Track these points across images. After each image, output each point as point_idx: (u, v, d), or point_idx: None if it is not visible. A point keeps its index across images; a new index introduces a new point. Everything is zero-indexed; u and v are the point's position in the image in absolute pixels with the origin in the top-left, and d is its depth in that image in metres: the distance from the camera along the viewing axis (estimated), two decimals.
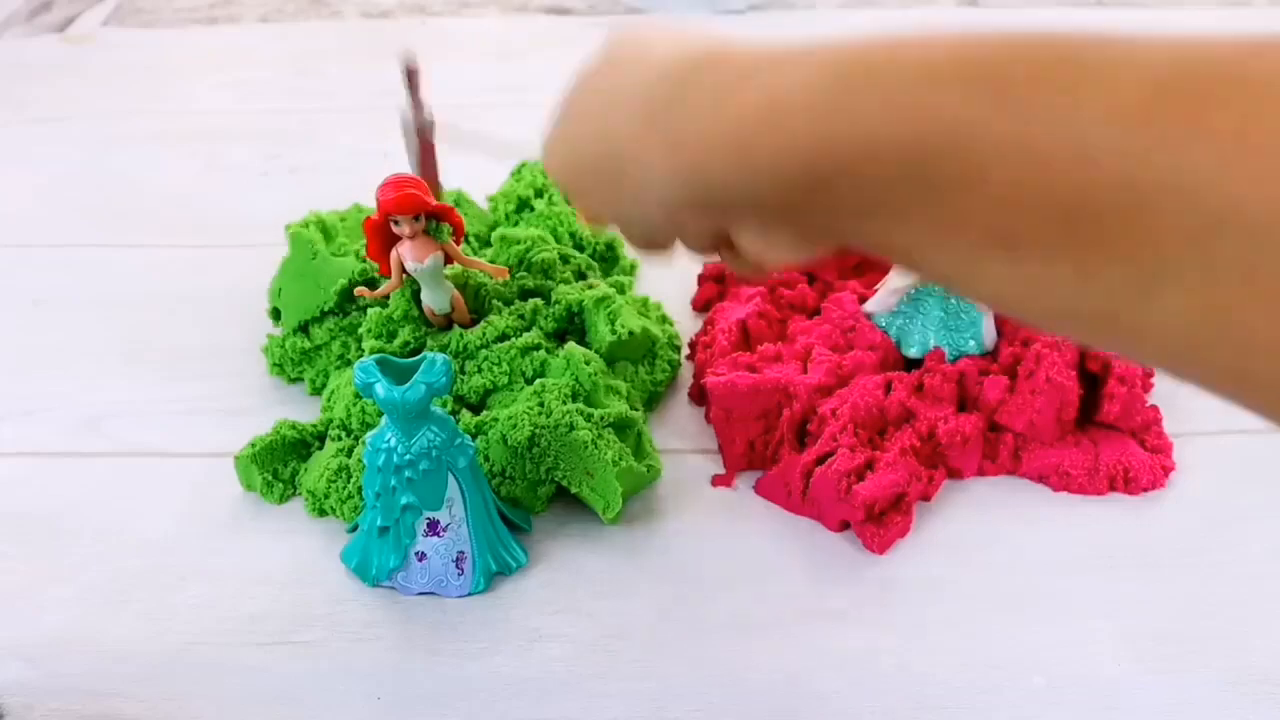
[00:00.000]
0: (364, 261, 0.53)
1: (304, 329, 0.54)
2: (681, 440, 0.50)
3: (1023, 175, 0.19)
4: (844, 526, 0.45)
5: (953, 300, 0.50)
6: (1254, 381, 0.18)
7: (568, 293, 0.51)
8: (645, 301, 0.55)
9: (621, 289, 0.55)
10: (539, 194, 0.61)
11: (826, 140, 0.22)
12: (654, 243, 0.31)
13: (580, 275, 0.55)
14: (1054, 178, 0.19)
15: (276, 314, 0.56)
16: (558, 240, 0.56)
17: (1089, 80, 0.19)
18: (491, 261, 0.53)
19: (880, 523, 0.44)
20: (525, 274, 0.53)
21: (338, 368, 0.52)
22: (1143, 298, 0.19)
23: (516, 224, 0.59)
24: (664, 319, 0.55)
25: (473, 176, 0.65)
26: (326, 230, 0.58)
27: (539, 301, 0.51)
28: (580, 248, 0.57)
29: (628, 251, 0.61)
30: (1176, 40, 0.19)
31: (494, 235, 0.55)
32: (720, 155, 0.25)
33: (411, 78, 0.48)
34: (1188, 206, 0.17)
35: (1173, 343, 0.19)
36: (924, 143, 0.20)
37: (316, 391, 0.53)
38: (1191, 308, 0.18)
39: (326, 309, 0.53)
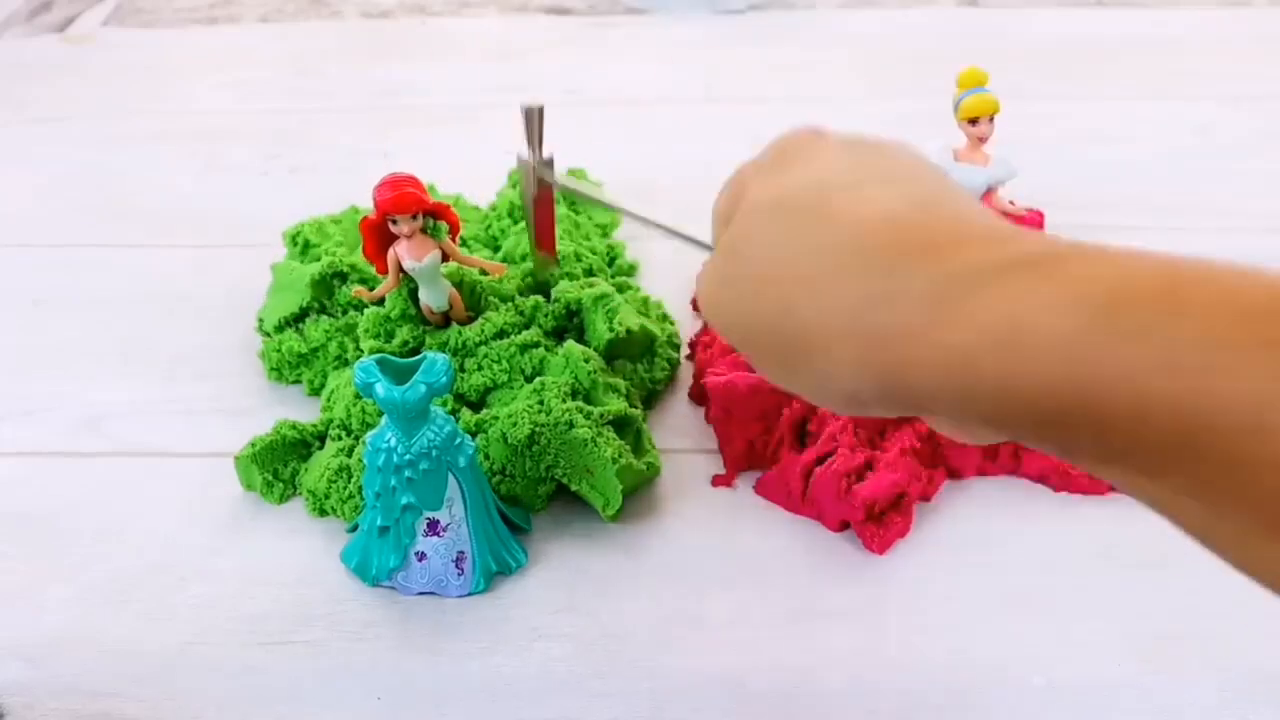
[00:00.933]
0: (333, 255, 0.53)
1: (298, 329, 0.54)
2: (681, 440, 0.50)
3: None
4: (844, 526, 0.45)
5: None
6: None
7: (567, 290, 0.51)
8: (645, 300, 0.55)
9: (621, 288, 0.55)
10: None
11: (1078, 385, 0.20)
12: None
13: (590, 273, 0.55)
14: None
15: (262, 324, 0.56)
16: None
17: None
18: (506, 252, 0.54)
19: (880, 523, 0.44)
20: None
21: (335, 368, 0.52)
22: None
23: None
24: (664, 318, 0.56)
25: (471, 179, 0.65)
26: (325, 235, 0.58)
27: (539, 298, 0.51)
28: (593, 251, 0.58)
29: (628, 253, 0.61)
30: None
31: (515, 228, 0.56)
32: (932, 370, 0.22)
33: (531, 120, 0.44)
34: None
35: None
36: (1213, 413, 0.18)
37: (315, 392, 0.53)
38: None
39: (305, 305, 0.53)
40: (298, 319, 0.54)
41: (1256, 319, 0.18)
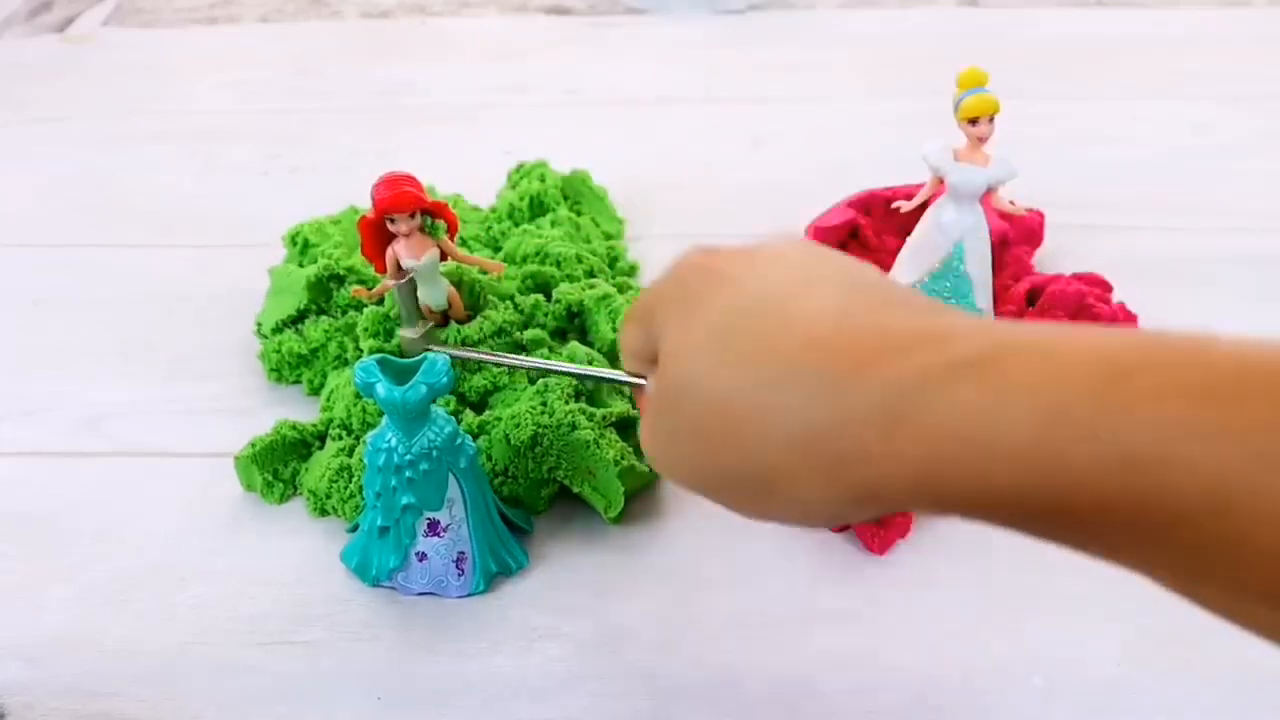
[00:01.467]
0: (329, 258, 0.53)
1: (297, 330, 0.54)
2: None
3: None
4: (844, 526, 0.45)
5: (952, 300, 0.50)
6: None
7: (568, 292, 0.51)
8: None
9: (622, 288, 0.55)
10: (539, 208, 0.60)
11: (1038, 488, 0.20)
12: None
13: (590, 274, 0.55)
14: None
15: (260, 328, 0.56)
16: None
17: None
18: (507, 252, 0.54)
19: (880, 523, 0.44)
20: (539, 264, 0.54)
21: (335, 368, 0.52)
22: None
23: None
24: None
25: (471, 179, 0.65)
26: (324, 235, 0.58)
27: (538, 297, 0.51)
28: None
29: (630, 254, 0.61)
30: None
31: (516, 230, 0.56)
32: (902, 484, 0.23)
33: (405, 297, 0.47)
34: None
35: None
36: (1176, 501, 0.19)
37: (315, 392, 0.53)
38: None
39: (302, 308, 0.53)
40: (295, 321, 0.54)
41: (1205, 402, 0.18)
